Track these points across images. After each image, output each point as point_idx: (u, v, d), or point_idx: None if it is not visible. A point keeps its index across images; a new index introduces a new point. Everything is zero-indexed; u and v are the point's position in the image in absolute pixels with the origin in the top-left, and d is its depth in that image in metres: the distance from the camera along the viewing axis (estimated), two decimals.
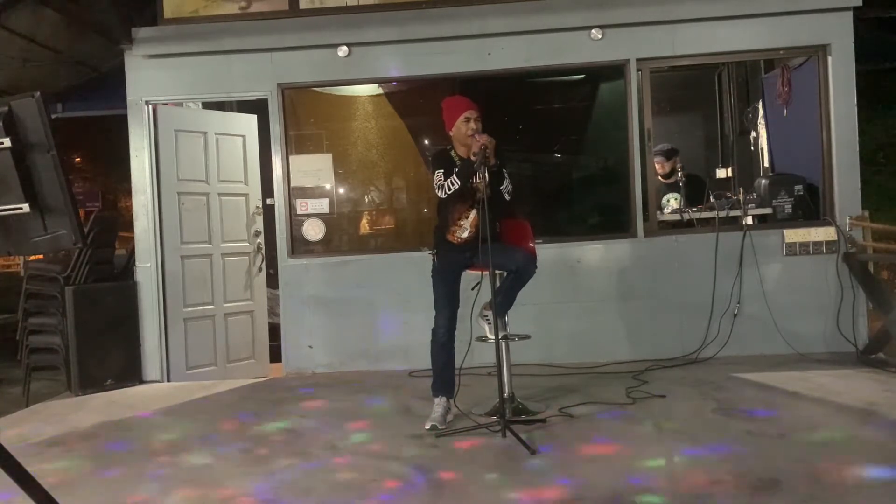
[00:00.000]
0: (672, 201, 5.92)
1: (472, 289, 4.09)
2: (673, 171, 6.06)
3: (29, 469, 2.12)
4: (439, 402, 4.00)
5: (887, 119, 10.78)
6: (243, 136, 6.09)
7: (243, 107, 6.33)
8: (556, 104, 6.41)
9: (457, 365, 4.03)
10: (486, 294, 4.04)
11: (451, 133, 4.07)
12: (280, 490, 3.15)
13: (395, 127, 6.16)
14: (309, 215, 5.82)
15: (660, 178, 5.99)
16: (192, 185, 5.80)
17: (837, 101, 5.42)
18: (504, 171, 3.97)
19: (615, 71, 5.63)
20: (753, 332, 5.37)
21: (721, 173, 6.78)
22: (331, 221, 5.91)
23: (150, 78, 5.68)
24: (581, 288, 5.52)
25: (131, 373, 5.54)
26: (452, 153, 4.05)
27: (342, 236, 6.05)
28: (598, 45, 5.51)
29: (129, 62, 5.68)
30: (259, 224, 6.15)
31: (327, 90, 6.00)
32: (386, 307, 5.59)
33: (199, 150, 5.84)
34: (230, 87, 5.74)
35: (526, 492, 2.98)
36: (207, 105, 6.21)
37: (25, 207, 2.06)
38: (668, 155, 6.06)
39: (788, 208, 5.55)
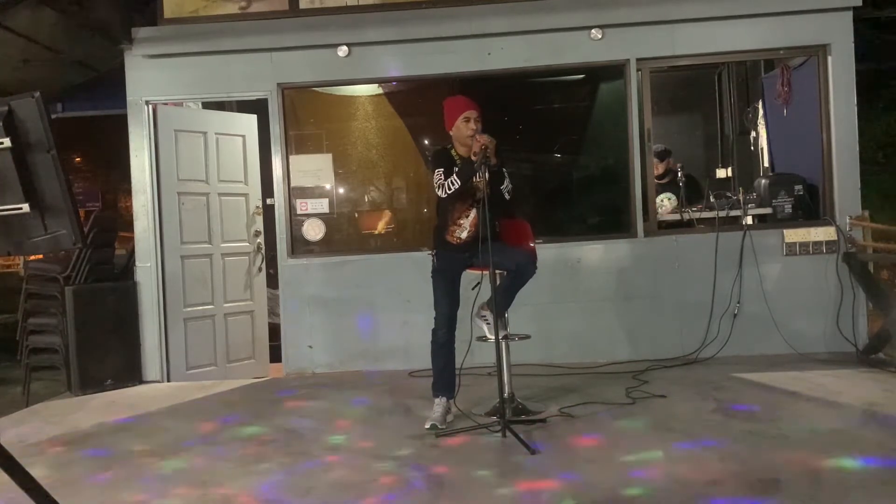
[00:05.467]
0: (666, 202, 5.92)
1: (473, 289, 4.09)
2: (667, 172, 6.06)
3: (29, 469, 2.12)
4: (439, 402, 4.00)
5: (888, 119, 10.77)
6: (243, 136, 6.09)
7: (243, 107, 6.33)
8: (556, 104, 6.41)
9: (457, 365, 4.03)
10: (485, 294, 4.04)
11: (451, 132, 4.08)
12: (280, 490, 3.15)
13: (395, 127, 6.16)
14: (309, 215, 5.82)
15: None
16: (192, 185, 5.80)
17: (837, 101, 5.42)
18: (504, 170, 3.97)
19: (615, 71, 5.62)
20: (753, 332, 5.37)
21: (721, 173, 6.78)
22: (331, 221, 5.91)
23: (150, 78, 5.68)
24: (581, 288, 5.52)
25: (131, 373, 5.54)
26: (453, 152, 4.05)
27: (342, 236, 6.05)
28: (597, 45, 5.51)
29: (129, 62, 5.68)
30: (259, 224, 6.16)
31: (327, 90, 6.01)
32: (386, 307, 5.59)
33: (199, 150, 5.84)
34: (230, 87, 5.74)
35: (526, 492, 2.98)
36: (207, 105, 6.21)
37: (25, 207, 2.05)
38: (661, 156, 6.05)
39: (788, 208, 5.55)
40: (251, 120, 6.13)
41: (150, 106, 5.68)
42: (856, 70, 5.43)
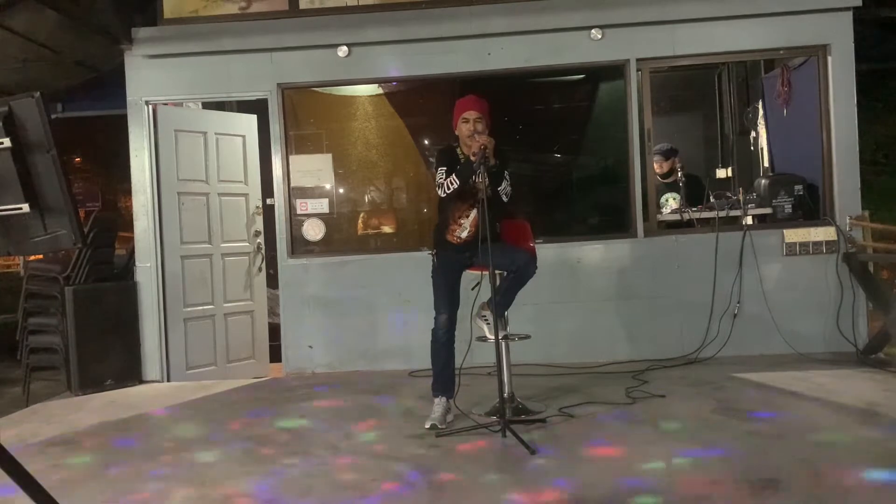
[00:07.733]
0: (671, 201, 5.92)
1: (472, 289, 4.10)
2: (672, 171, 6.06)
3: (29, 469, 2.12)
4: (439, 402, 4.00)
5: (888, 119, 10.77)
6: (243, 136, 6.09)
7: (243, 107, 6.33)
8: (556, 104, 6.41)
9: (457, 365, 4.03)
10: (485, 294, 4.04)
11: (456, 132, 4.09)
12: (280, 489, 3.15)
13: (395, 127, 6.16)
14: (309, 215, 5.82)
15: (658, 177, 5.99)
16: (192, 185, 5.80)
17: (837, 101, 5.43)
18: (506, 171, 3.97)
19: (615, 71, 5.63)
20: (753, 332, 5.37)
21: (721, 173, 6.78)
22: (331, 221, 5.91)
23: (150, 78, 5.68)
24: (581, 288, 5.52)
25: (131, 373, 5.54)
26: (458, 150, 4.05)
27: (342, 236, 6.05)
28: (598, 45, 5.51)
29: (129, 62, 5.68)
30: (259, 224, 6.16)
31: (327, 90, 6.01)
32: (386, 307, 5.59)
33: (199, 150, 5.84)
34: (230, 87, 5.74)
35: (526, 492, 2.98)
36: (207, 105, 6.21)
37: (25, 207, 2.05)
38: (667, 155, 6.07)
39: (788, 208, 5.55)
40: (251, 120, 6.13)
41: (150, 106, 5.68)
42: (856, 70, 5.43)
